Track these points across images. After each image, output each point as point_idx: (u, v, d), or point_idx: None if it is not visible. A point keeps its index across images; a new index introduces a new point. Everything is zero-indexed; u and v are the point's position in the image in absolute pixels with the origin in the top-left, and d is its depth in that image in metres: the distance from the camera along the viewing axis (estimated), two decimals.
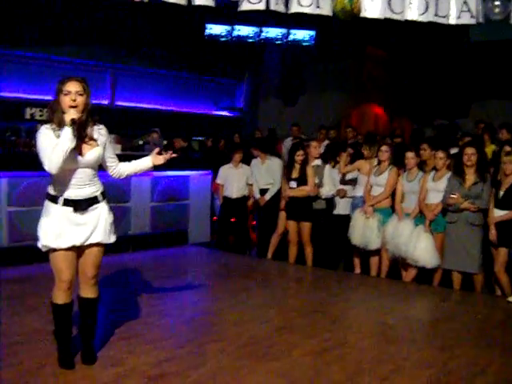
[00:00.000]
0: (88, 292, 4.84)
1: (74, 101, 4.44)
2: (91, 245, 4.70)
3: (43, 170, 4.43)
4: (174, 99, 16.44)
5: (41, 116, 14.18)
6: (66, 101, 4.46)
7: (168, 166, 9.97)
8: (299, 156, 9.12)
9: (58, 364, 4.74)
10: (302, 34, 16.06)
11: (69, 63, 14.23)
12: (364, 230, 8.64)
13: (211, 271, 9.18)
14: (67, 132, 4.36)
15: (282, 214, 9.45)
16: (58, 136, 4.42)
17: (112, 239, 4.81)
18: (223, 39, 15.93)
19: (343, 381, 4.70)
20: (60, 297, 4.68)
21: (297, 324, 6.25)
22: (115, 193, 8.54)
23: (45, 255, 4.76)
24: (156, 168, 9.00)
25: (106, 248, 4.85)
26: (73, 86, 4.47)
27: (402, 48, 16.44)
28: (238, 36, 15.95)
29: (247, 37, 16.03)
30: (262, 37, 16.04)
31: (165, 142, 12.59)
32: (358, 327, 6.39)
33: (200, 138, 15.15)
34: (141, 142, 12.59)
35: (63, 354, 4.77)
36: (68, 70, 13.91)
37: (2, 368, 4.71)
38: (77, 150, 4.50)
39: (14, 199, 8.45)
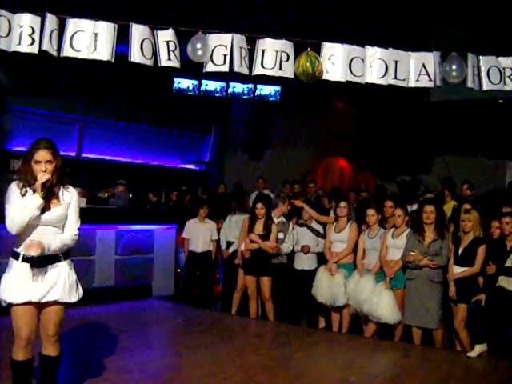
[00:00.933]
0: (49, 350, 4.85)
1: (45, 170, 4.60)
2: (50, 303, 4.72)
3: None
4: (141, 152, 16.48)
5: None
6: (36, 169, 4.61)
7: (133, 219, 10.12)
8: (259, 209, 9.23)
9: None
10: (268, 90, 16.29)
11: (37, 114, 14.28)
12: (330, 287, 8.70)
13: (174, 326, 9.17)
14: (36, 200, 4.50)
15: (241, 271, 9.56)
16: (25, 194, 4.56)
17: (73, 299, 4.82)
18: (191, 93, 16.09)
19: None
20: (18, 353, 4.69)
21: (259, 380, 6.27)
22: (80, 246, 8.52)
23: (4, 309, 4.78)
24: (121, 221, 9.07)
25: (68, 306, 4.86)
26: (42, 156, 4.62)
27: (366, 103, 16.74)
28: (206, 90, 16.12)
29: (214, 91, 16.22)
30: (229, 91, 16.24)
31: (130, 195, 12.66)
32: (320, 383, 6.44)
33: (166, 191, 15.20)
34: (105, 195, 12.63)
35: None
36: (36, 122, 13.98)
37: None
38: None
39: None
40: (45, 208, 4.64)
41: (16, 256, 4.68)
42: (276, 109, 16.98)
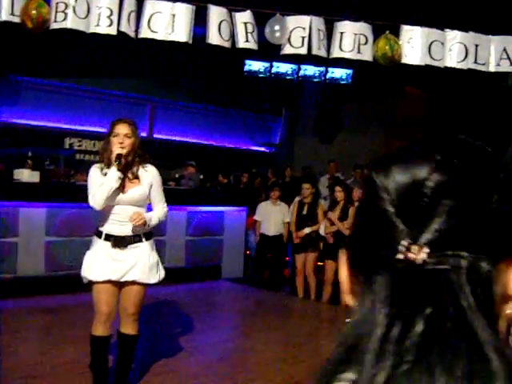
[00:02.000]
0: (127, 328, 4.91)
1: (122, 143, 4.62)
2: (129, 282, 4.78)
3: (81, 201, 4.60)
4: (212, 133, 16.56)
5: (79, 146, 14.42)
6: (114, 142, 4.64)
7: (204, 201, 10.15)
8: (337, 192, 9.23)
9: None
10: (339, 73, 16.16)
11: (110, 95, 14.48)
12: None
13: (244, 307, 9.21)
14: (113, 172, 4.55)
15: (298, 254, 9.69)
16: (105, 174, 4.61)
17: (153, 280, 4.85)
18: (262, 75, 16.06)
19: None
20: (98, 329, 4.77)
21: None
22: None
23: (82, 285, 4.87)
24: (192, 202, 9.10)
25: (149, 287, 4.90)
26: (122, 129, 4.66)
27: (440, 88, 16.44)
28: (277, 73, 16.07)
29: (285, 74, 16.15)
30: (300, 74, 16.15)
31: (201, 177, 12.71)
32: None
33: (236, 173, 15.24)
34: (176, 176, 12.72)
35: None
36: (108, 102, 14.18)
37: None
38: (120, 187, 4.65)
39: (52, 229, 8.59)
40: (125, 187, 4.69)
41: (99, 234, 4.76)
42: (347, 92, 16.83)
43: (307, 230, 9.42)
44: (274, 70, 16.02)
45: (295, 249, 9.76)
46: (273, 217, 10.23)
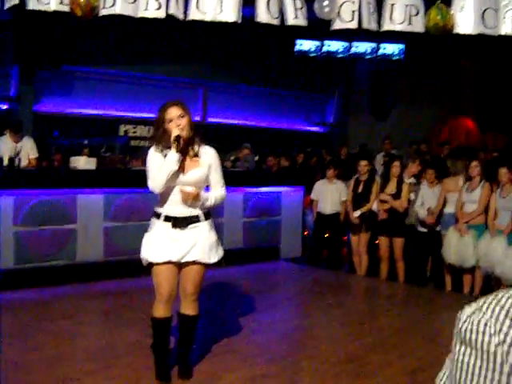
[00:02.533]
0: (187, 309, 4.93)
1: (179, 125, 4.60)
2: (190, 262, 4.76)
3: (137, 186, 4.61)
4: (265, 115, 16.53)
5: (134, 133, 14.54)
6: (170, 126, 4.62)
7: (260, 182, 10.15)
8: (395, 168, 9.13)
9: (155, 377, 4.84)
10: (391, 48, 15.95)
11: (162, 81, 14.54)
12: (459, 248, 8.49)
13: (303, 287, 9.20)
14: (172, 154, 4.53)
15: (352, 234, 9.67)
16: (165, 156, 4.60)
17: (213, 259, 4.83)
18: (313, 54, 15.97)
19: None
20: (159, 310, 4.79)
21: (390, 342, 6.21)
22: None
23: (141, 269, 4.91)
24: (248, 183, 9.09)
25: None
26: (174, 111, 4.64)
27: (493, 60, 16.13)
28: (328, 51, 15.95)
29: (337, 52, 16.02)
30: (351, 52, 16.01)
31: (256, 158, 12.69)
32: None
33: (291, 154, 15.20)
34: (232, 158, 12.72)
35: (160, 367, 4.87)
36: (161, 88, 14.24)
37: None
38: (180, 168, 4.64)
39: (110, 215, 8.68)
40: (184, 169, 4.68)
41: (157, 216, 4.76)
42: (400, 68, 16.63)
43: (357, 214, 9.34)
44: (325, 48, 15.92)
45: (350, 228, 9.72)
46: (329, 195, 10.15)
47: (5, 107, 12.83)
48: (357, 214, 9.34)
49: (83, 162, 8.76)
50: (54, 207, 8.21)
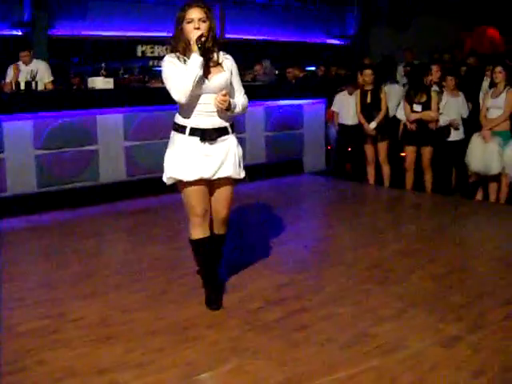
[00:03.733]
0: (219, 229, 4.73)
1: (198, 28, 4.24)
2: (221, 180, 4.49)
3: (157, 104, 4.38)
4: (284, 29, 16.25)
5: (152, 53, 14.39)
6: (189, 29, 4.26)
7: (281, 95, 9.99)
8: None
9: (205, 303, 4.59)
10: None
11: None
12: (484, 155, 8.34)
13: (327, 199, 9.13)
14: (195, 58, 4.18)
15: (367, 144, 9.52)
16: (185, 62, 4.26)
17: (242, 174, 4.55)
18: None
19: (464, 304, 4.61)
20: (197, 232, 4.51)
21: (415, 249, 6.17)
22: None
23: (163, 187, 4.72)
24: (269, 97, 8.88)
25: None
26: (195, 13, 4.27)
27: None
28: None
29: None
30: None
31: (276, 72, 12.52)
32: (477, 252, 6.23)
33: (311, 67, 14.96)
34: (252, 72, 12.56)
35: (210, 292, 4.62)
36: (177, 6, 13.97)
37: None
38: (204, 75, 4.28)
39: (130, 134, 8.61)
40: (208, 75, 4.31)
41: (181, 129, 4.39)
42: None
43: (373, 125, 9.18)
44: None
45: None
46: (351, 106, 9.98)
47: (20, 33, 12.69)
48: (373, 125, 9.19)
49: (101, 83, 8.66)
50: (74, 129, 8.14)
